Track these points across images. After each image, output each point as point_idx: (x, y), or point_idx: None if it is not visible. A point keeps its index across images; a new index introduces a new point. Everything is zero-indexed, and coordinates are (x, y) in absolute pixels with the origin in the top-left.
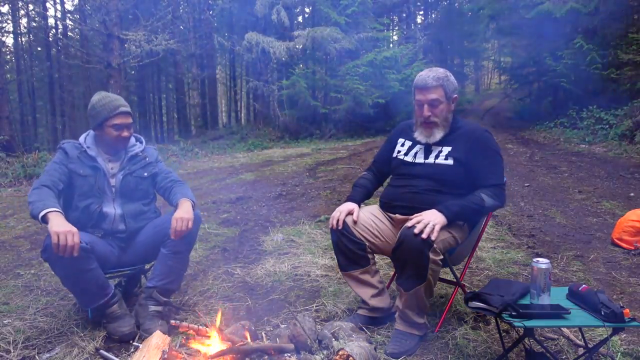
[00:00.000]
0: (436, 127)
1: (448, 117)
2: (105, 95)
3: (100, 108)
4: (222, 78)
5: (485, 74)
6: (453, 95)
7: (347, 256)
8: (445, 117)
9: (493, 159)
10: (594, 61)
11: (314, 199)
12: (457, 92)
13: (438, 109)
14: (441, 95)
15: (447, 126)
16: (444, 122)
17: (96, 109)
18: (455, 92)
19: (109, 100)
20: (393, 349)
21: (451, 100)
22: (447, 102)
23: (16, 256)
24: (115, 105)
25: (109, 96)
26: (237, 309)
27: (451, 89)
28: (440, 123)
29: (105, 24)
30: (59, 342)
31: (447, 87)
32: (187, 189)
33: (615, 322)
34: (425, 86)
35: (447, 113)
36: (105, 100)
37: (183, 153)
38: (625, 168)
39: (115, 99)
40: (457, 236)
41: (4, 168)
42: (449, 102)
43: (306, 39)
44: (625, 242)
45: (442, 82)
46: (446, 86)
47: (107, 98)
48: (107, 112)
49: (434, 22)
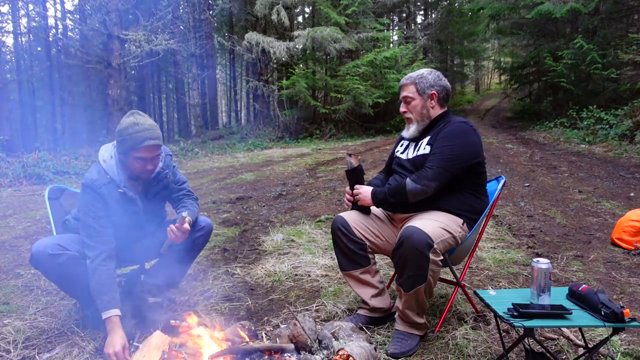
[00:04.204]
0: (411, 122)
1: (424, 112)
2: (135, 123)
3: (127, 136)
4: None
5: (485, 74)
6: (428, 91)
7: (348, 256)
8: (419, 112)
9: (442, 145)
10: (594, 61)
11: (314, 199)
12: (437, 89)
13: (411, 105)
14: (413, 92)
15: (424, 121)
16: (418, 117)
17: (122, 136)
18: (432, 88)
19: (138, 129)
20: (393, 349)
21: (427, 95)
22: (421, 98)
23: (16, 256)
24: (142, 138)
25: (139, 124)
26: (237, 309)
27: (425, 85)
28: (415, 118)
29: (105, 24)
30: (59, 342)
31: (420, 84)
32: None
33: (615, 322)
34: (400, 85)
35: (422, 108)
36: (133, 130)
37: (183, 153)
38: (625, 168)
39: (145, 129)
40: (457, 236)
41: (4, 168)
42: (424, 97)
43: (306, 39)
44: (625, 242)
45: (414, 80)
46: (418, 83)
47: (137, 127)
48: (132, 143)
49: (434, 22)
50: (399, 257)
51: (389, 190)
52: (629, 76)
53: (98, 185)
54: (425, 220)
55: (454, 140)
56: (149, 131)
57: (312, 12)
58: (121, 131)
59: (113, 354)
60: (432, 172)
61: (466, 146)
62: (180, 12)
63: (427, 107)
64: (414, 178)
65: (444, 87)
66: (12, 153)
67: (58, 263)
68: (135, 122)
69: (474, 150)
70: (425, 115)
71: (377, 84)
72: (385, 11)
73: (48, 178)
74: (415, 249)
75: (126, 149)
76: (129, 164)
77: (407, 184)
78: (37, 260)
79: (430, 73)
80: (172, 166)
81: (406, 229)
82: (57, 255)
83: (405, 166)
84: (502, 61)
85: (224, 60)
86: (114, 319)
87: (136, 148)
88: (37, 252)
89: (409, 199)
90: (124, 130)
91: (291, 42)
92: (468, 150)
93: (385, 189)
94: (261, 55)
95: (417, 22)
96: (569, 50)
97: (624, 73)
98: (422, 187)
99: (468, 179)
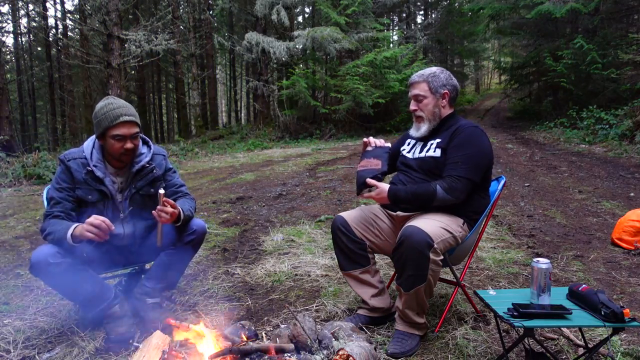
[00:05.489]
0: (422, 121)
1: (435, 111)
2: (108, 103)
3: (102, 116)
4: (222, 78)
5: (485, 74)
6: (441, 90)
7: (348, 256)
8: (431, 111)
9: (464, 152)
10: (594, 61)
11: (314, 199)
12: (449, 88)
13: (422, 103)
14: (425, 90)
15: (435, 120)
16: (430, 116)
17: (98, 117)
18: (444, 87)
19: (111, 107)
20: (393, 349)
21: (439, 94)
22: (433, 97)
23: (16, 256)
24: (116, 114)
25: (112, 103)
26: (237, 309)
27: (438, 84)
28: (426, 117)
29: (105, 24)
30: (59, 342)
31: (432, 82)
32: (189, 202)
33: (615, 322)
34: (411, 82)
35: (434, 107)
36: (107, 108)
37: (183, 153)
38: (625, 168)
39: (119, 106)
40: (457, 236)
41: (4, 168)
42: (436, 96)
43: (306, 39)
44: (625, 242)
45: (427, 78)
46: (431, 81)
47: (110, 105)
48: (108, 122)
49: (434, 22)
50: (399, 256)
51: (413, 192)
52: (629, 76)
53: (67, 158)
54: (426, 219)
55: (472, 147)
56: (123, 108)
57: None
58: (96, 113)
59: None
60: (461, 184)
61: (483, 151)
62: (180, 12)
63: (439, 106)
64: (446, 188)
65: (455, 87)
66: (12, 153)
67: (59, 271)
68: (109, 102)
69: (489, 155)
70: (437, 115)
71: (377, 84)
72: (385, 11)
73: (48, 178)
74: (415, 249)
75: (103, 129)
76: (109, 147)
77: (437, 192)
78: (38, 269)
79: (442, 72)
80: (169, 168)
81: (406, 229)
82: (57, 263)
83: (411, 166)
84: (502, 61)
85: (224, 60)
86: (78, 226)
87: (112, 125)
88: (38, 262)
89: (434, 204)
90: (98, 111)
91: (291, 42)
92: (484, 155)
93: (409, 190)
94: (261, 55)
95: (417, 22)
96: (569, 50)
97: (624, 73)
98: (454, 199)
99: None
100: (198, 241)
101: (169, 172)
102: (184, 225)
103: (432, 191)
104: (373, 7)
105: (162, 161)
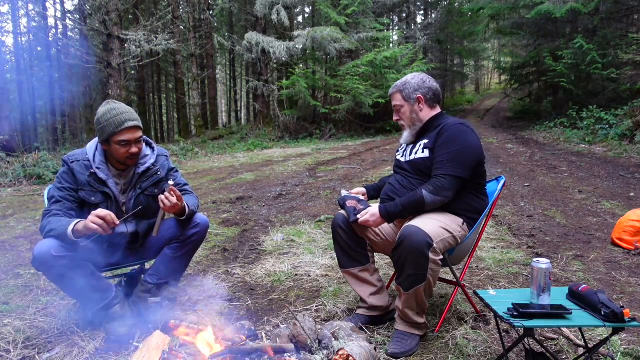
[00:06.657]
0: (405, 129)
1: (413, 116)
2: (111, 108)
3: (106, 123)
4: (222, 78)
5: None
6: (414, 95)
7: (347, 253)
8: (409, 117)
9: (449, 150)
10: (594, 61)
11: (314, 199)
12: (422, 92)
13: (401, 112)
14: (399, 100)
15: (416, 125)
16: (409, 122)
17: (101, 123)
18: (417, 92)
19: (115, 113)
20: (393, 349)
21: (413, 100)
22: (408, 104)
23: (16, 256)
24: (121, 120)
25: (115, 109)
26: (237, 309)
27: (410, 91)
28: (407, 124)
29: (105, 24)
30: (59, 342)
31: (405, 91)
32: (193, 199)
33: (615, 322)
34: (389, 95)
35: (411, 113)
36: (110, 114)
37: (183, 153)
38: (625, 168)
39: (122, 112)
40: (456, 236)
41: (4, 168)
42: (410, 102)
43: (306, 39)
44: (625, 242)
45: (399, 88)
46: (403, 90)
47: (114, 111)
48: (112, 128)
49: (434, 22)
50: (398, 256)
51: (403, 204)
52: (629, 76)
53: (71, 160)
54: (425, 219)
55: (456, 144)
56: (127, 114)
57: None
58: (99, 119)
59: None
60: (447, 182)
61: (469, 147)
62: (180, 12)
63: (416, 111)
64: (431, 190)
65: (429, 89)
66: (12, 153)
67: (61, 264)
68: (112, 108)
69: (475, 150)
70: (416, 119)
71: (377, 84)
72: (385, 11)
73: (48, 178)
74: (415, 248)
75: (108, 135)
76: (113, 152)
77: (424, 197)
78: (40, 261)
79: (413, 78)
80: (171, 168)
81: (406, 228)
82: (60, 257)
83: (404, 168)
84: (502, 61)
85: (224, 60)
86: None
87: (117, 131)
88: (41, 254)
89: (426, 209)
90: (102, 117)
91: (291, 42)
92: (471, 151)
93: (398, 203)
94: (261, 55)
95: (417, 22)
96: (569, 50)
97: (624, 73)
98: (442, 198)
99: (469, 179)
100: (201, 235)
101: (171, 171)
102: (188, 219)
103: (420, 198)
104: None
105: (165, 161)
